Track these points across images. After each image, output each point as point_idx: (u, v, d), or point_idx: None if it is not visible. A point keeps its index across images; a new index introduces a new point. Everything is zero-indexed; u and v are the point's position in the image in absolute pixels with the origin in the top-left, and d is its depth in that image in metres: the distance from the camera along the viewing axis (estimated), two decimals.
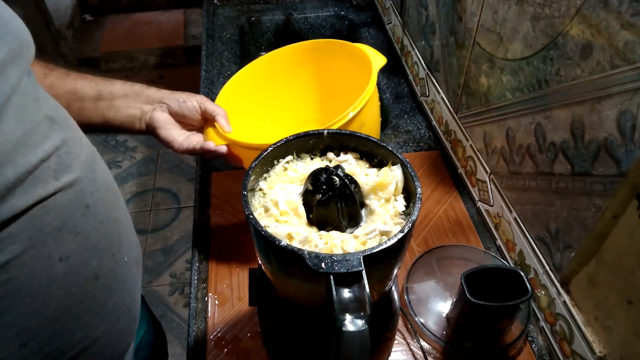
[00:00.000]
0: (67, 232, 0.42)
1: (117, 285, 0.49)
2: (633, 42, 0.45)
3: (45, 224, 0.40)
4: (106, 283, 0.47)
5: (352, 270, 0.38)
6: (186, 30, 2.95)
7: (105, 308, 0.48)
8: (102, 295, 0.47)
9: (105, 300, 0.47)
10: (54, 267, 0.41)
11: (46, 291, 0.41)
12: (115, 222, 0.49)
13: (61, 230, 0.41)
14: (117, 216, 0.50)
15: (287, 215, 0.47)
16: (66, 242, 0.42)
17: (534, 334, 0.67)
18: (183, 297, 1.72)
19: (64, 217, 0.42)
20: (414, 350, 0.65)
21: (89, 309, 0.45)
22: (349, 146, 0.54)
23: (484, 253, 0.75)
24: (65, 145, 0.43)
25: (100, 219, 0.46)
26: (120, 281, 0.50)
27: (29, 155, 0.39)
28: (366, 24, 1.34)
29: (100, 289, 0.46)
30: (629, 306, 0.50)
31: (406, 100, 1.09)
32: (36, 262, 0.40)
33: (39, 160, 0.39)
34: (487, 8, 0.72)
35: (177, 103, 0.67)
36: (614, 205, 0.50)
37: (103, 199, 0.47)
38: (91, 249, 0.45)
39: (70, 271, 0.43)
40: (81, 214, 0.43)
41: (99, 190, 0.47)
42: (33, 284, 0.40)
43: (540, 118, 0.61)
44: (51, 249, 0.41)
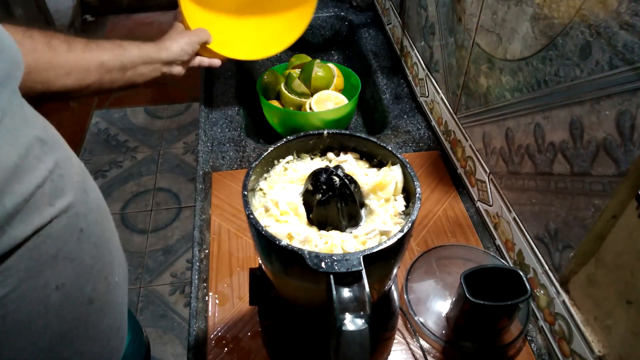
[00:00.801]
0: (62, 259, 0.41)
1: (109, 307, 0.49)
2: (632, 42, 0.45)
3: (42, 253, 0.39)
4: (99, 306, 0.47)
5: (352, 270, 0.38)
6: None
7: (97, 331, 0.47)
8: (96, 318, 0.47)
9: (98, 322, 0.47)
10: (50, 297, 0.40)
11: (43, 322, 0.40)
12: (107, 243, 0.49)
13: (57, 258, 0.40)
14: (109, 237, 0.50)
15: (287, 215, 0.47)
16: (62, 269, 0.41)
17: (533, 333, 0.67)
18: (184, 297, 1.72)
19: (60, 244, 0.41)
20: (413, 350, 0.65)
21: (83, 334, 0.45)
22: (348, 146, 0.54)
23: (484, 253, 0.75)
24: (57, 168, 0.42)
25: (94, 241, 0.46)
26: (112, 302, 0.50)
27: (25, 181, 0.37)
28: (366, 25, 1.34)
29: (93, 312, 0.46)
30: (628, 306, 0.50)
31: (406, 100, 1.09)
32: (33, 293, 0.39)
33: (34, 187, 0.38)
34: (487, 9, 0.72)
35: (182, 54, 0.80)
36: (613, 205, 0.50)
37: (96, 221, 0.47)
38: (86, 274, 0.44)
39: (66, 298, 0.42)
40: (76, 239, 0.43)
41: (92, 211, 0.46)
42: (30, 316, 0.39)
43: (539, 118, 0.61)
44: (47, 278, 0.40)
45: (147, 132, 2.39)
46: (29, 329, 0.40)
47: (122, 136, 2.37)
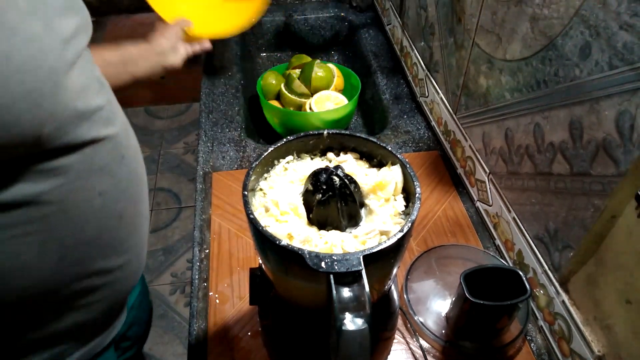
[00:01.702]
0: (106, 173, 0.51)
1: (134, 229, 0.58)
2: (631, 42, 0.45)
3: (93, 162, 0.49)
4: (127, 224, 0.56)
5: (352, 270, 0.38)
6: None
7: (122, 247, 0.56)
8: (123, 234, 0.56)
9: (124, 239, 0.56)
10: (93, 200, 0.50)
11: (85, 218, 0.49)
12: (138, 177, 0.59)
13: (103, 170, 0.51)
14: (141, 174, 0.60)
15: (287, 215, 0.47)
16: (105, 181, 0.51)
17: (533, 333, 0.67)
18: (184, 297, 1.72)
19: (106, 160, 0.51)
20: (413, 350, 0.65)
21: (111, 244, 0.54)
22: (348, 146, 0.54)
23: (483, 253, 0.75)
24: (109, 104, 0.53)
25: (130, 170, 0.56)
26: (137, 227, 0.59)
27: (90, 101, 0.48)
28: (366, 25, 1.34)
29: (121, 228, 0.55)
30: (628, 305, 0.50)
31: (405, 100, 1.09)
32: (82, 192, 0.48)
33: (95, 107, 0.49)
34: (486, 9, 0.73)
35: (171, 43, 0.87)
36: (612, 205, 0.50)
37: (133, 156, 0.58)
38: (120, 193, 0.54)
39: (104, 206, 0.51)
40: (118, 161, 0.53)
41: (131, 147, 0.57)
42: (77, 209, 0.48)
43: (539, 118, 0.62)
44: (94, 184, 0.50)
45: (148, 132, 2.39)
46: (73, 220, 0.48)
47: None
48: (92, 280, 0.53)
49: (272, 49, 1.41)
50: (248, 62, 1.32)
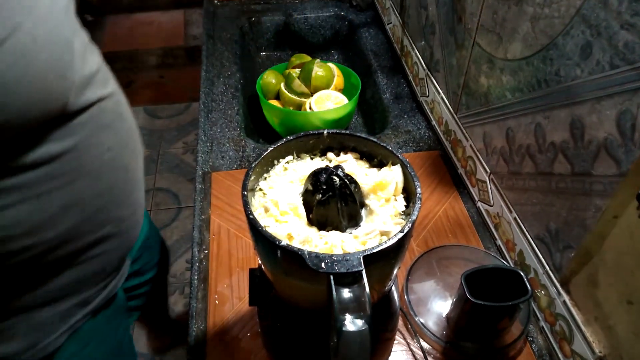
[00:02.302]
0: (111, 130, 0.57)
1: (136, 183, 0.65)
2: (632, 42, 0.45)
3: (101, 120, 0.55)
4: (132, 177, 0.63)
5: (352, 270, 0.38)
6: (186, 30, 2.95)
7: (129, 199, 0.63)
8: (129, 187, 0.63)
9: (130, 192, 0.63)
10: (103, 155, 0.56)
11: (98, 171, 0.55)
12: (135, 133, 0.65)
13: (108, 128, 0.56)
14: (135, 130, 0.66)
15: (287, 215, 0.47)
16: (111, 137, 0.57)
17: (534, 334, 0.67)
18: (183, 297, 1.72)
19: (110, 118, 0.57)
20: (414, 350, 0.65)
21: (121, 194, 0.61)
22: (349, 146, 0.54)
23: (484, 253, 0.75)
24: (102, 66, 0.57)
25: (128, 126, 0.62)
26: (137, 181, 0.65)
27: (90, 62, 0.52)
28: (366, 24, 1.34)
29: (128, 181, 0.62)
30: (629, 306, 0.50)
31: (406, 100, 1.09)
32: (94, 147, 0.54)
33: (95, 68, 0.54)
34: (487, 8, 0.72)
35: None
36: (614, 205, 0.50)
37: (128, 114, 0.63)
38: (124, 147, 0.60)
39: (113, 159, 0.57)
40: (119, 119, 0.59)
41: (125, 105, 0.63)
42: (92, 164, 0.54)
43: (540, 118, 0.61)
44: (103, 140, 0.55)
45: (147, 132, 2.38)
46: (89, 174, 0.54)
47: None
48: (108, 229, 0.60)
49: (272, 48, 1.41)
50: (247, 62, 1.32)
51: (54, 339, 0.61)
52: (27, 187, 0.48)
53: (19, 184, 0.47)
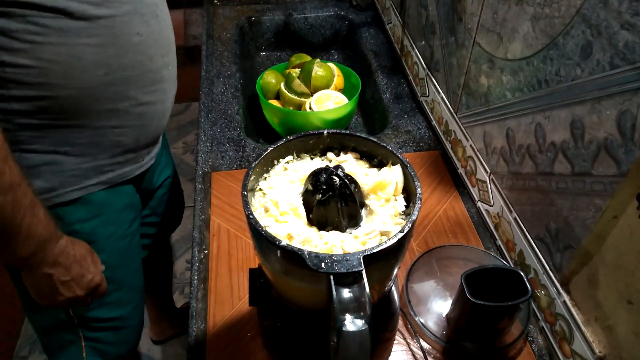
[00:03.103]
0: (144, 22, 0.69)
1: (160, 78, 0.75)
2: (633, 42, 0.45)
3: (138, 7, 0.67)
4: (156, 68, 0.73)
5: (352, 270, 0.38)
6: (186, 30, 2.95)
7: (151, 86, 0.73)
8: (151, 75, 0.73)
9: (150, 82, 0.73)
10: (132, 37, 0.67)
11: (126, 48, 0.67)
12: (167, 40, 0.75)
13: (142, 18, 0.68)
14: (169, 40, 0.77)
15: (287, 215, 0.47)
16: (142, 27, 0.69)
17: (534, 334, 0.67)
18: (183, 297, 1.72)
19: (145, 11, 0.69)
20: (414, 350, 0.65)
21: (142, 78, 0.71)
22: (349, 146, 0.54)
23: (484, 253, 0.75)
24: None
25: (162, 27, 0.73)
26: (164, 77, 0.76)
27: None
28: (366, 24, 1.34)
29: (151, 70, 0.72)
30: (629, 306, 0.50)
31: (406, 100, 1.09)
32: (126, 27, 0.66)
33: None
34: (487, 8, 0.72)
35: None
36: (614, 205, 0.50)
37: (164, 21, 0.75)
38: (153, 41, 0.71)
39: (139, 45, 0.69)
40: (153, 16, 0.71)
41: (164, 14, 0.75)
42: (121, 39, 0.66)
43: (540, 118, 0.61)
44: (134, 25, 0.67)
45: None
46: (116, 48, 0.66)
47: None
48: (127, 104, 0.70)
49: (272, 48, 1.41)
50: (247, 61, 1.32)
51: (69, 191, 0.72)
52: (67, 33, 0.60)
53: (60, 27, 0.59)
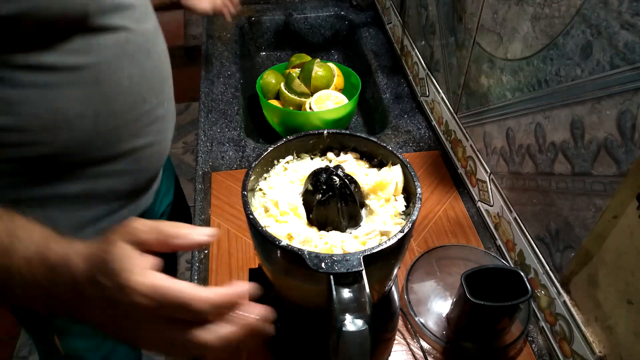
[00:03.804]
0: (134, 62, 0.61)
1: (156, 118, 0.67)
2: (633, 42, 0.45)
3: (125, 49, 0.59)
4: (150, 109, 0.65)
5: (352, 270, 0.38)
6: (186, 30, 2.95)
7: (145, 129, 0.66)
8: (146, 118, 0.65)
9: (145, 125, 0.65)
10: (122, 80, 0.60)
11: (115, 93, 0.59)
12: (162, 76, 0.68)
13: (132, 58, 0.60)
14: (165, 74, 0.69)
15: (287, 215, 0.47)
16: (133, 68, 0.61)
17: (534, 334, 0.67)
18: None
19: (135, 50, 0.61)
20: (414, 351, 0.65)
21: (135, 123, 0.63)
22: (349, 146, 0.54)
23: (484, 253, 0.75)
24: (144, 6, 0.63)
25: (155, 65, 0.66)
26: (159, 117, 0.68)
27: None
28: (366, 24, 1.34)
29: (145, 112, 0.65)
30: (629, 306, 0.50)
31: (406, 100, 1.09)
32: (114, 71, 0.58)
33: (130, 3, 0.58)
34: (487, 8, 0.72)
35: None
36: (614, 205, 0.50)
37: (159, 56, 0.67)
38: (145, 82, 0.64)
39: (131, 88, 0.61)
40: (145, 55, 0.63)
41: (158, 47, 0.67)
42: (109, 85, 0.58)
43: (540, 118, 0.61)
44: (123, 67, 0.59)
45: None
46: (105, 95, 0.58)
47: None
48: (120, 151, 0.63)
49: (272, 48, 1.41)
50: (247, 61, 1.32)
51: None
52: (45, 88, 0.53)
53: (38, 82, 0.53)
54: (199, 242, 0.40)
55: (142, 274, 0.36)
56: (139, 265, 0.37)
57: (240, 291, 0.38)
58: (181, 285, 0.36)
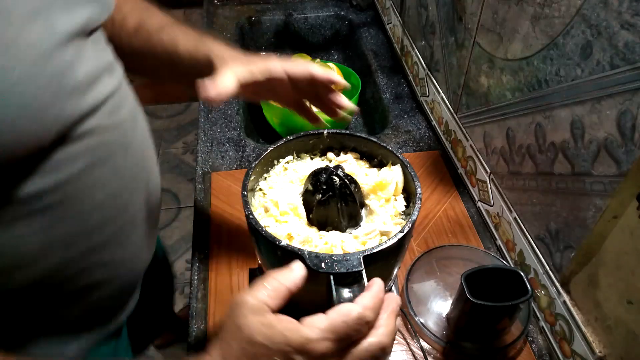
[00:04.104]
0: (110, 166, 0.50)
1: (141, 221, 0.57)
2: (633, 42, 0.45)
3: (97, 154, 0.48)
4: (133, 215, 0.55)
5: (352, 271, 0.38)
6: None
7: (129, 239, 0.55)
8: (129, 226, 0.55)
9: (128, 233, 0.55)
10: (96, 193, 0.48)
11: (88, 213, 0.49)
12: (145, 166, 0.57)
13: (106, 163, 0.49)
14: (148, 164, 0.58)
15: (287, 215, 0.47)
16: (108, 174, 0.49)
17: (534, 334, 0.67)
18: (183, 297, 1.72)
19: (110, 152, 0.49)
20: (414, 351, 0.65)
21: (115, 235, 0.53)
22: (349, 146, 0.54)
23: (484, 253, 0.75)
24: (119, 90, 0.51)
25: (136, 162, 0.54)
26: (144, 219, 0.58)
27: (101, 88, 0.47)
28: (366, 24, 1.34)
29: (127, 222, 0.54)
30: (629, 306, 0.50)
31: (406, 100, 1.09)
32: (85, 189, 0.47)
33: (105, 95, 0.48)
34: (487, 8, 0.72)
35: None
36: (614, 205, 0.50)
37: (140, 145, 0.56)
38: (125, 186, 0.53)
39: (107, 200, 0.50)
40: (123, 152, 0.51)
41: (137, 136, 0.55)
42: (81, 205, 0.47)
43: (540, 118, 0.61)
44: (97, 177, 0.48)
45: None
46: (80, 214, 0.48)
47: None
48: (98, 274, 0.53)
49: (272, 48, 1.41)
50: None
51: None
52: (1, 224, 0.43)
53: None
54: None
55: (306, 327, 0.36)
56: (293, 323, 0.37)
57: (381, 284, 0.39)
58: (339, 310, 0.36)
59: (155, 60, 0.63)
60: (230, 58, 0.58)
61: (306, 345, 0.35)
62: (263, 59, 0.58)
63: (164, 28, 0.63)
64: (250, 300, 0.37)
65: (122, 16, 0.62)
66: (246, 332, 0.36)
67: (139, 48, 0.62)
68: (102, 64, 0.49)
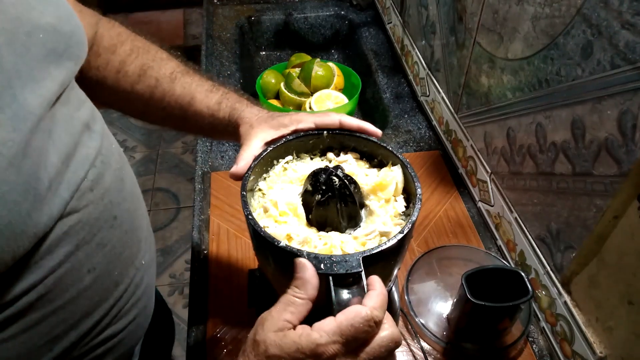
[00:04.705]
0: (95, 245, 0.44)
1: (134, 289, 0.52)
2: (633, 42, 0.45)
3: (80, 238, 0.42)
4: (125, 289, 0.50)
5: (352, 272, 0.38)
6: (186, 30, 2.94)
7: (122, 311, 0.51)
8: (121, 301, 0.50)
9: (123, 304, 0.51)
10: (82, 279, 0.44)
11: (74, 301, 0.44)
12: (137, 230, 0.52)
13: (91, 243, 0.44)
14: (139, 224, 0.53)
15: (287, 216, 0.47)
16: (94, 254, 0.44)
17: (535, 334, 0.67)
18: (182, 298, 1.72)
19: (94, 230, 0.44)
20: (414, 351, 0.65)
21: (108, 314, 0.49)
22: (349, 146, 0.54)
23: (485, 253, 0.75)
24: (100, 155, 0.45)
25: (125, 229, 0.49)
26: (137, 285, 0.53)
27: (79, 162, 0.42)
28: (366, 24, 1.34)
29: (119, 295, 0.50)
30: (630, 307, 0.49)
31: (406, 100, 1.09)
32: (69, 276, 0.42)
33: (84, 171, 0.42)
34: (488, 8, 0.72)
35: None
36: (614, 205, 0.50)
37: (128, 209, 0.50)
38: (115, 260, 0.48)
39: (96, 282, 0.45)
40: (109, 225, 0.46)
41: (125, 200, 0.49)
42: (64, 295, 0.42)
43: (541, 118, 0.61)
44: (82, 262, 0.43)
45: (146, 132, 2.38)
46: (63, 308, 0.42)
47: (120, 135, 2.37)
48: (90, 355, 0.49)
49: (272, 48, 1.41)
50: (247, 61, 1.32)
51: None
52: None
53: None
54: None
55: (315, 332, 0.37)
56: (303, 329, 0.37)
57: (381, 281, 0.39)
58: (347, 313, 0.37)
59: (163, 112, 0.59)
60: (257, 122, 0.53)
61: (316, 350, 0.36)
62: (291, 117, 0.53)
63: (177, 78, 0.58)
64: (274, 320, 0.38)
65: (119, 59, 0.57)
66: (262, 347, 0.37)
67: (143, 95, 0.58)
68: (77, 128, 0.43)
